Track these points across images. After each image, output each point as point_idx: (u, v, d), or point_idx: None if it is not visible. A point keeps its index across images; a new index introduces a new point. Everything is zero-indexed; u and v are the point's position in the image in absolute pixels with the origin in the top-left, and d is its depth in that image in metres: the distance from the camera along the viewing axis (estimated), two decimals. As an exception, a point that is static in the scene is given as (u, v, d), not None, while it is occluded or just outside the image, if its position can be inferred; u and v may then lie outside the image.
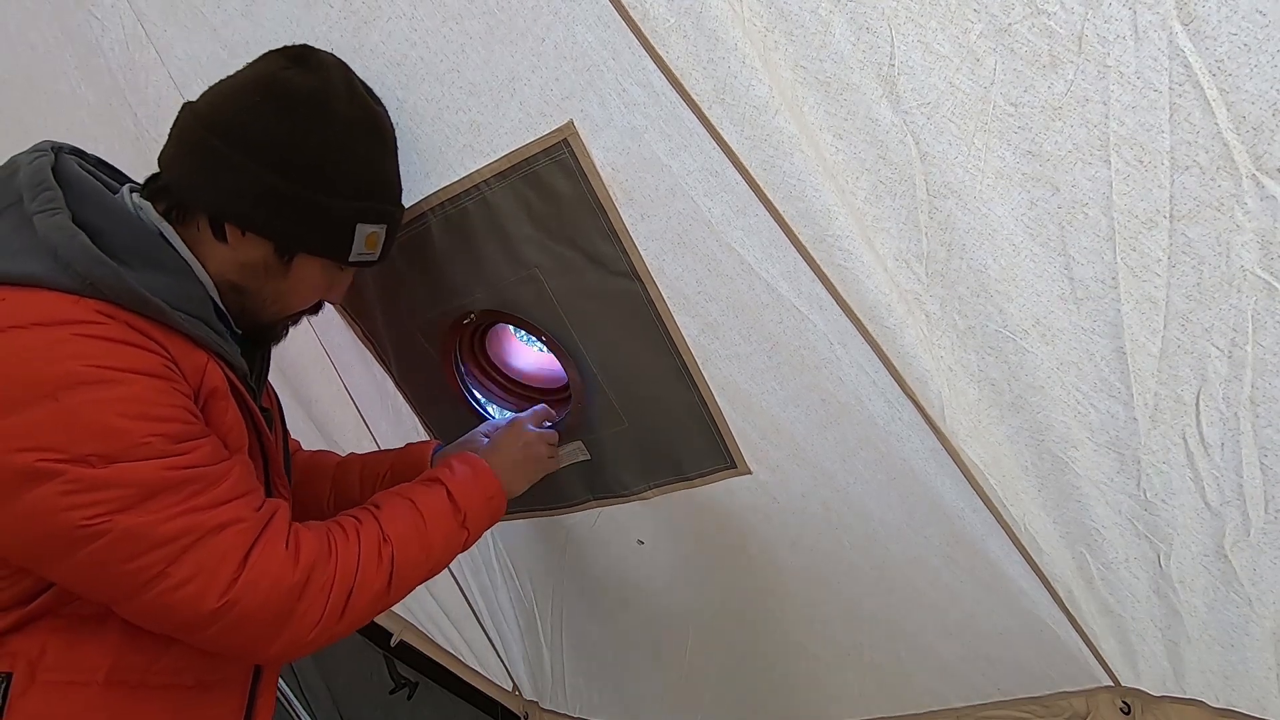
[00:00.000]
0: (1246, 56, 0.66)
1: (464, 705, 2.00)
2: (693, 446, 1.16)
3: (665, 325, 1.05)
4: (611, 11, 0.82)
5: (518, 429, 1.17)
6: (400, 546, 0.91)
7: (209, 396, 0.82)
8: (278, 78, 0.87)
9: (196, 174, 0.86)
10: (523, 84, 0.93)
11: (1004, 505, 0.99)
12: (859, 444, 1.04)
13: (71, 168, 0.81)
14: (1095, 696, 1.17)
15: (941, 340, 0.92)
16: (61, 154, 0.83)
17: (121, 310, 0.75)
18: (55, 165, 0.80)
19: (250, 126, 0.85)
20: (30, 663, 0.75)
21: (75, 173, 0.81)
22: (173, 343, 0.79)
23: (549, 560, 1.56)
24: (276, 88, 0.86)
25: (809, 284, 0.92)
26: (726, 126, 0.84)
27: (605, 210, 0.99)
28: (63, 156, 0.82)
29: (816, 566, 1.22)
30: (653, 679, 1.63)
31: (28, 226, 0.74)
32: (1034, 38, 0.71)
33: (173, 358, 0.78)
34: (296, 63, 0.89)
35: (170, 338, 0.79)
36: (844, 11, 0.76)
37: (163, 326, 0.78)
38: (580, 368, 1.17)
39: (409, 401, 1.43)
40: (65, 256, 0.73)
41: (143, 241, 0.82)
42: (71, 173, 0.80)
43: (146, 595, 0.73)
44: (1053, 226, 0.80)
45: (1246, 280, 0.75)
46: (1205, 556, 0.93)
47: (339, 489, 1.22)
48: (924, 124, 0.79)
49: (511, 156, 0.99)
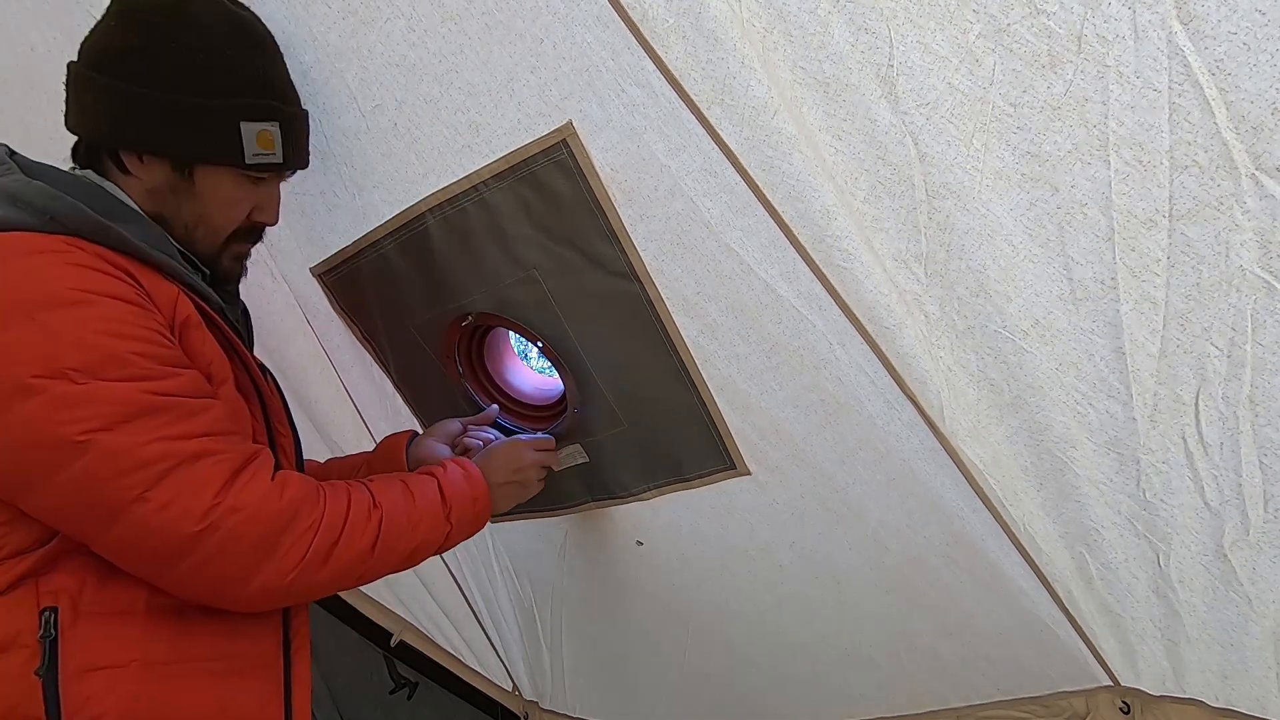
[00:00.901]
0: (1246, 56, 0.66)
1: (464, 705, 2.00)
2: (692, 447, 1.16)
3: (664, 326, 1.05)
4: (610, 12, 0.82)
5: (519, 450, 1.17)
6: (389, 515, 0.92)
7: (183, 327, 0.84)
8: None
9: (85, 111, 0.89)
10: (521, 85, 0.93)
11: (1003, 505, 0.99)
12: (858, 444, 1.04)
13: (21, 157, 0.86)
14: (1095, 696, 1.17)
15: (941, 341, 0.92)
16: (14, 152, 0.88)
17: (87, 242, 0.79)
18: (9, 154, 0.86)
19: (112, 47, 0.87)
20: (72, 597, 0.77)
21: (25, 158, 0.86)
22: (142, 274, 0.82)
23: (548, 561, 1.56)
24: (129, 4, 0.89)
25: (808, 284, 0.92)
26: (725, 127, 0.84)
27: (604, 211, 0.98)
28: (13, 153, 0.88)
29: (816, 567, 1.22)
30: (652, 679, 1.63)
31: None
32: (1033, 38, 0.71)
33: (143, 288, 0.80)
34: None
35: (138, 269, 0.82)
36: (843, 12, 0.76)
37: (129, 258, 0.81)
38: (578, 369, 1.17)
39: (408, 403, 1.43)
40: (24, 197, 0.78)
41: (93, 197, 0.84)
42: (21, 157, 0.86)
43: (126, 519, 0.74)
44: (1052, 227, 0.80)
45: (1246, 280, 0.75)
46: (1205, 556, 0.93)
47: None
48: (923, 124, 0.79)
49: (510, 157, 0.99)
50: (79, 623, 0.77)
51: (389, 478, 1.00)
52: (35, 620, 0.75)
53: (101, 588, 0.79)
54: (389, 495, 0.95)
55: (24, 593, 0.76)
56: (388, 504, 0.93)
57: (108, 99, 0.87)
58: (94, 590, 0.78)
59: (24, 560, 0.76)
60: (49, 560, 0.77)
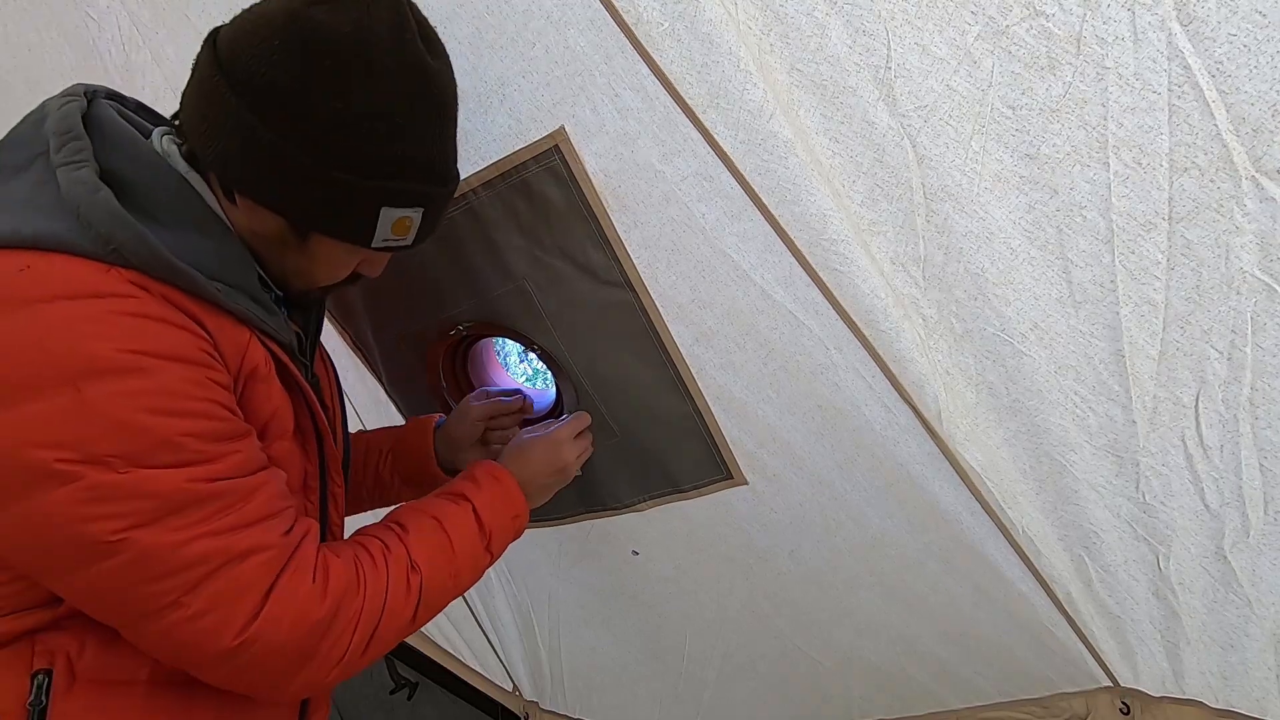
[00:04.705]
0: (1246, 58, 0.65)
1: (464, 705, 2.00)
2: (687, 458, 1.15)
3: (658, 334, 1.04)
4: (604, 15, 0.81)
5: (558, 451, 1.07)
6: (428, 573, 0.83)
7: (249, 378, 0.74)
8: (300, 16, 0.70)
9: (205, 125, 0.73)
10: (513, 89, 0.91)
11: (1002, 508, 0.98)
12: (856, 450, 1.03)
13: (105, 112, 0.72)
14: (1095, 697, 1.17)
15: (939, 344, 0.91)
16: (96, 99, 0.74)
17: (154, 281, 0.66)
18: (87, 111, 0.71)
19: (261, 76, 0.69)
20: (69, 660, 0.69)
21: (108, 117, 0.72)
22: (210, 318, 0.70)
23: (543, 570, 1.54)
24: (297, 28, 0.69)
25: (804, 289, 0.91)
26: (721, 131, 0.83)
27: (597, 217, 0.97)
28: (97, 101, 0.73)
29: (815, 573, 1.21)
30: (651, 683, 1.62)
31: (53, 180, 0.66)
32: (1032, 39, 0.71)
33: (211, 337, 0.69)
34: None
35: (207, 312, 0.70)
36: (840, 14, 0.75)
37: (198, 299, 0.69)
38: (570, 379, 1.15)
39: (400, 412, 1.41)
40: (87, 216, 0.64)
41: (171, 194, 0.72)
42: (104, 117, 0.71)
43: (157, 624, 0.66)
44: (1051, 229, 0.80)
45: (1246, 282, 0.75)
46: (1204, 558, 0.93)
47: None
48: (921, 127, 0.78)
49: (500, 165, 0.98)
50: (73, 690, 0.68)
51: (424, 518, 0.89)
52: (26, 684, 0.67)
53: (103, 651, 0.70)
54: (425, 548, 0.85)
55: (18, 650, 0.68)
56: (425, 562, 0.84)
57: (236, 131, 0.71)
58: (94, 653, 0.70)
59: (26, 617, 0.68)
60: (53, 619, 0.69)
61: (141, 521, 0.63)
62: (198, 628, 0.66)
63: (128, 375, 0.63)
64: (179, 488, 0.64)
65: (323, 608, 0.72)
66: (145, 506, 0.63)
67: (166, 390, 0.64)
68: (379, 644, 0.78)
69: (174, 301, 0.67)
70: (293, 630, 0.70)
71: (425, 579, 0.83)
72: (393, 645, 0.82)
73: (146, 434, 0.63)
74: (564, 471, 1.08)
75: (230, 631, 0.67)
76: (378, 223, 0.78)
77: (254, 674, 0.70)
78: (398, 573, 0.81)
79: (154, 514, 0.63)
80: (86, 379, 0.61)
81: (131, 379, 0.63)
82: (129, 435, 0.63)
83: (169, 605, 0.65)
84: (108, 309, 0.63)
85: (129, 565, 0.63)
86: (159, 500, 0.64)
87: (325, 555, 0.76)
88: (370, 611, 0.77)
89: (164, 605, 0.65)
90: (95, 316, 0.63)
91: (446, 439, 1.17)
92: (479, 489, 0.95)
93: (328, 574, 0.74)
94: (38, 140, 0.69)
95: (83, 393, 0.61)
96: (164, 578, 0.65)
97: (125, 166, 0.70)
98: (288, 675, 0.72)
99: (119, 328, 0.63)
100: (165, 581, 0.65)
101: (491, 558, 0.95)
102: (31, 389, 0.60)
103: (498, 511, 0.95)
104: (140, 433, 0.63)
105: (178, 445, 0.65)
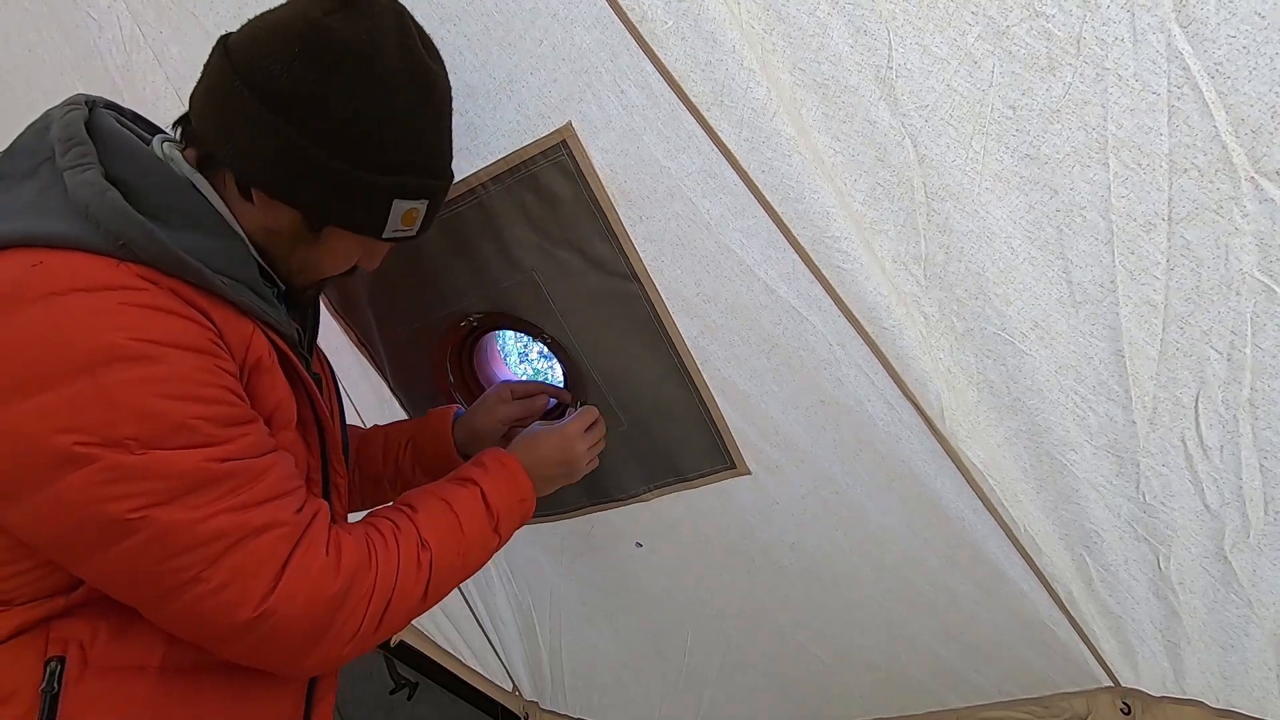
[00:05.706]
0: (1245, 59, 0.65)
1: (464, 705, 2.00)
2: (692, 447, 1.16)
3: (664, 326, 1.05)
4: (610, 13, 0.82)
5: (569, 444, 1.10)
6: (438, 553, 0.86)
7: (254, 369, 0.77)
8: (318, 24, 0.75)
9: (221, 125, 0.77)
10: (520, 86, 0.93)
11: (1004, 507, 0.99)
12: (858, 445, 1.04)
13: (105, 121, 0.76)
14: (1095, 697, 1.17)
15: (940, 342, 0.92)
16: (96, 108, 0.77)
17: (162, 275, 0.69)
18: (89, 119, 0.75)
19: (281, 79, 0.74)
20: (82, 647, 0.71)
21: (109, 126, 0.75)
22: (216, 310, 0.73)
23: (545, 565, 1.55)
24: (315, 35, 0.75)
25: (807, 285, 0.92)
26: (725, 128, 0.84)
27: (604, 212, 0.98)
28: (97, 110, 0.77)
29: (816, 568, 1.22)
30: (652, 680, 1.63)
31: (60, 184, 0.69)
32: (1032, 40, 0.71)
33: (217, 328, 0.72)
34: (343, 5, 0.77)
35: (214, 305, 0.73)
36: (842, 14, 0.76)
37: (205, 292, 0.73)
38: (577, 370, 1.17)
39: (405, 409, 1.42)
40: (96, 214, 0.67)
41: (176, 195, 0.76)
42: (105, 126, 0.75)
43: (179, 600, 0.69)
44: (1051, 229, 0.80)
45: (1245, 283, 0.75)
46: (1205, 558, 0.93)
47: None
48: (922, 126, 0.79)
49: (509, 159, 0.99)
50: (85, 677, 0.70)
51: (433, 499, 0.92)
52: (39, 671, 0.69)
53: (115, 638, 0.72)
54: (435, 528, 0.88)
55: (33, 638, 0.70)
56: (435, 541, 0.86)
57: (256, 131, 0.75)
58: (107, 640, 0.72)
59: (43, 605, 0.71)
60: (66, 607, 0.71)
61: (160, 500, 0.66)
62: (218, 601, 0.69)
63: (142, 363, 0.65)
64: (194, 467, 0.67)
65: (337, 582, 0.75)
66: (162, 486, 0.66)
67: (179, 376, 0.67)
68: (391, 621, 0.81)
69: (181, 294, 0.70)
70: (308, 604, 0.72)
71: (435, 557, 0.85)
72: (404, 624, 0.84)
73: (161, 418, 0.66)
74: (571, 464, 1.10)
75: (249, 604, 0.69)
76: (389, 215, 0.83)
77: (271, 648, 0.73)
78: (409, 550, 0.84)
79: (171, 493, 0.66)
80: (102, 367, 0.64)
81: (145, 366, 0.65)
82: (144, 419, 0.65)
83: (190, 580, 0.68)
84: (120, 301, 0.66)
85: (150, 542, 0.66)
86: (175, 480, 0.66)
87: (337, 532, 0.79)
88: (383, 587, 0.79)
89: (185, 581, 0.68)
90: (109, 308, 0.65)
91: (468, 429, 1.19)
92: (486, 473, 0.98)
93: (340, 550, 0.76)
94: (43, 147, 0.72)
95: (99, 380, 0.64)
96: (184, 553, 0.67)
97: (128, 170, 0.73)
98: (304, 650, 0.74)
99: (132, 318, 0.66)
100: (185, 557, 0.67)
101: (500, 539, 0.97)
102: (50, 378, 0.63)
103: (504, 494, 0.97)
104: (155, 417, 0.66)
105: (191, 428, 0.67)
